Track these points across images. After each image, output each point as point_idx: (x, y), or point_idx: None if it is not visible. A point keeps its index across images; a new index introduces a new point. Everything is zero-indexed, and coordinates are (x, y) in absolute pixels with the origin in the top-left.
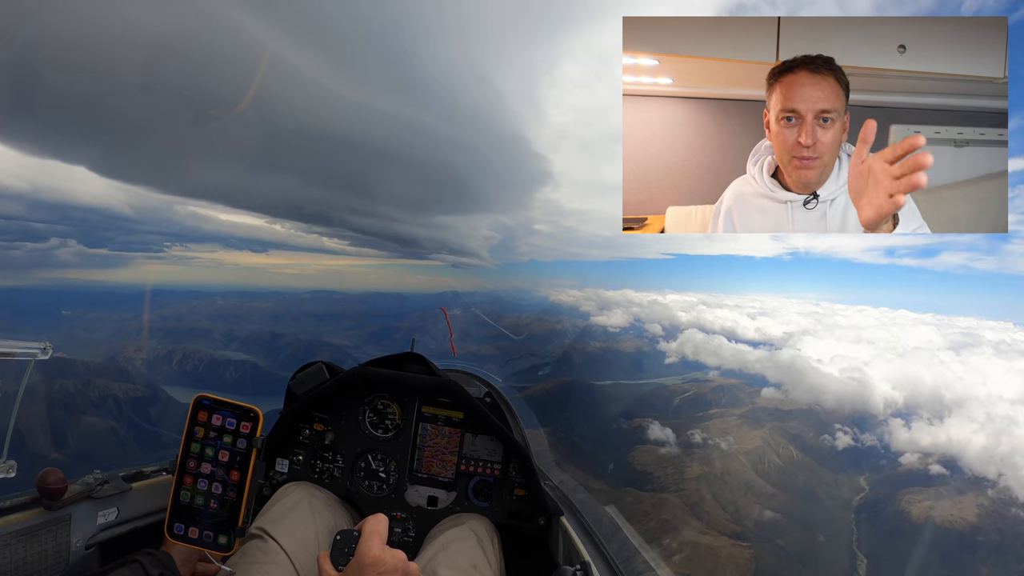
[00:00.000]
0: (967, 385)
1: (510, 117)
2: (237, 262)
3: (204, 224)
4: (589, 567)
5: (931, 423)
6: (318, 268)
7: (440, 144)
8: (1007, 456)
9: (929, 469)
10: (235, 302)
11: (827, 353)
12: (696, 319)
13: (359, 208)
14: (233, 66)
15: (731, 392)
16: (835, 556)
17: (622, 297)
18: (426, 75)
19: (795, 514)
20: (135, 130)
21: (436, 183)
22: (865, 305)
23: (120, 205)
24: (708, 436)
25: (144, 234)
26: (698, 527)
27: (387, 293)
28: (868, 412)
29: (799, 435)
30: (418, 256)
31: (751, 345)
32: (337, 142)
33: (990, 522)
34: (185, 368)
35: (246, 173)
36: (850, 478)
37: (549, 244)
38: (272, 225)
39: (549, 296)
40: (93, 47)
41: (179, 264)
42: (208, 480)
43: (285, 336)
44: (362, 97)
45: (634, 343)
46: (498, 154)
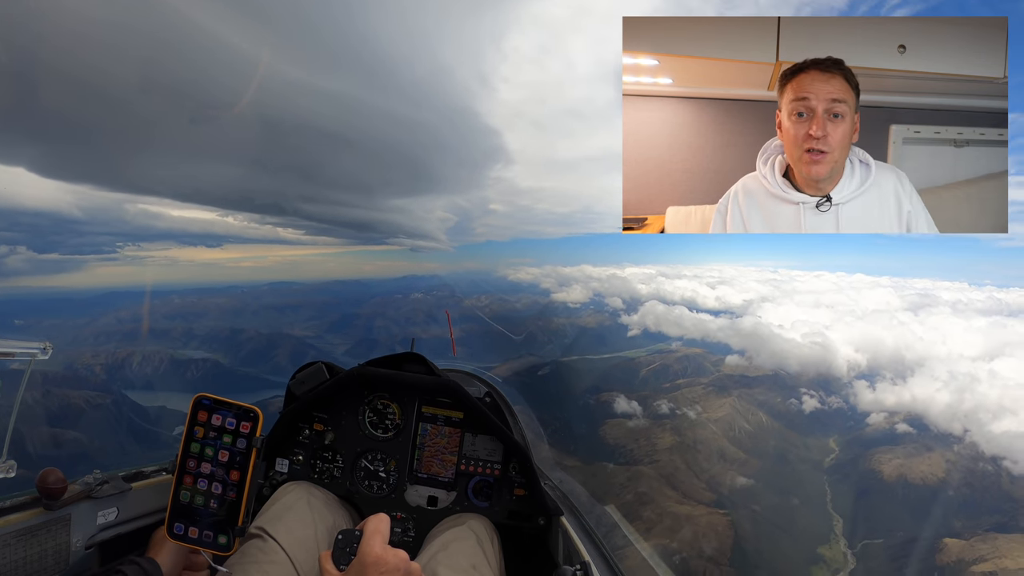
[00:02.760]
0: (927, 345)
1: (459, 92)
2: (192, 259)
3: (156, 222)
4: (589, 567)
5: (894, 383)
6: (275, 260)
7: (386, 122)
8: (971, 412)
9: (896, 428)
10: (192, 299)
11: (788, 319)
12: (656, 291)
13: (311, 195)
14: (165, 49)
15: (696, 361)
16: (811, 517)
17: (580, 273)
18: (364, 48)
19: (768, 479)
20: (73, 126)
21: (386, 164)
22: (822, 271)
23: (68, 207)
24: (677, 406)
25: (95, 236)
26: (675, 497)
27: (346, 281)
28: (832, 375)
29: (766, 401)
30: (375, 242)
31: (712, 314)
32: (279, 125)
33: (960, 477)
34: (145, 370)
35: (191, 165)
36: (819, 440)
37: (505, 224)
38: (225, 218)
39: (508, 276)
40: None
41: (133, 264)
42: (208, 480)
43: (245, 331)
44: (301, 74)
45: (595, 318)
46: (449, 131)
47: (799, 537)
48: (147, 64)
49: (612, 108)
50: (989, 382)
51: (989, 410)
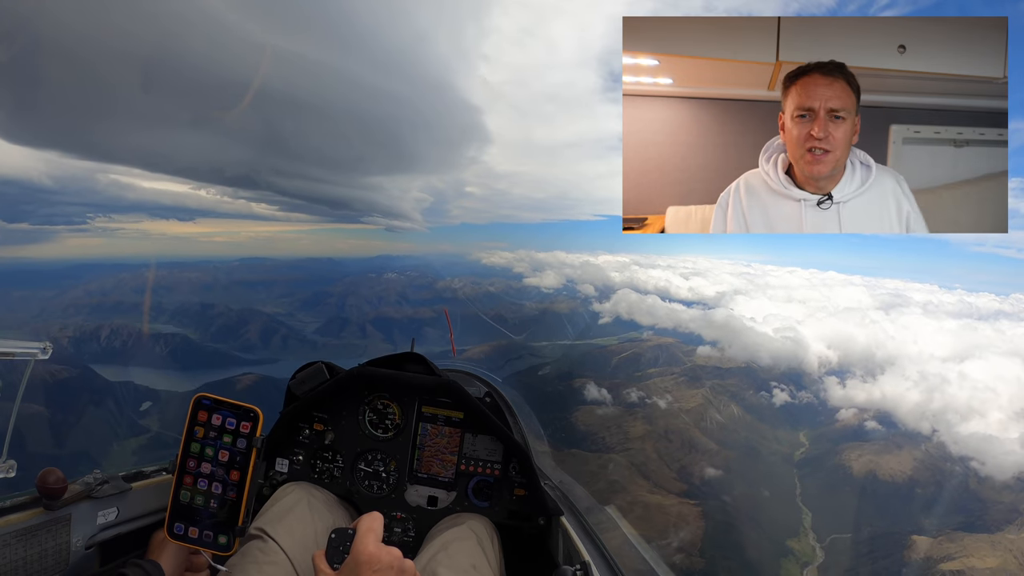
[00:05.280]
0: (899, 344)
1: (438, 66)
2: (164, 232)
3: (127, 193)
4: (589, 567)
5: (865, 380)
6: (248, 235)
7: (358, 92)
8: (939, 413)
9: (865, 425)
10: (163, 273)
11: (760, 312)
12: (629, 279)
13: (284, 169)
14: (133, 10)
15: (668, 351)
16: (781, 510)
17: (554, 259)
18: (337, 11)
19: (739, 470)
20: (38, 87)
21: (362, 138)
22: (795, 267)
23: (39, 175)
24: (648, 395)
25: (66, 206)
26: (646, 486)
27: (319, 259)
28: (803, 370)
29: (738, 392)
30: (350, 219)
31: (685, 304)
32: (247, 91)
33: (928, 475)
34: (113, 344)
35: (160, 133)
36: (790, 434)
37: (481, 207)
38: (197, 191)
39: (481, 259)
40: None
41: (104, 236)
42: (208, 480)
43: (216, 306)
44: (270, 37)
45: (568, 304)
46: (426, 105)
47: (769, 529)
48: (115, 28)
49: (592, 95)
50: (959, 383)
51: (958, 411)
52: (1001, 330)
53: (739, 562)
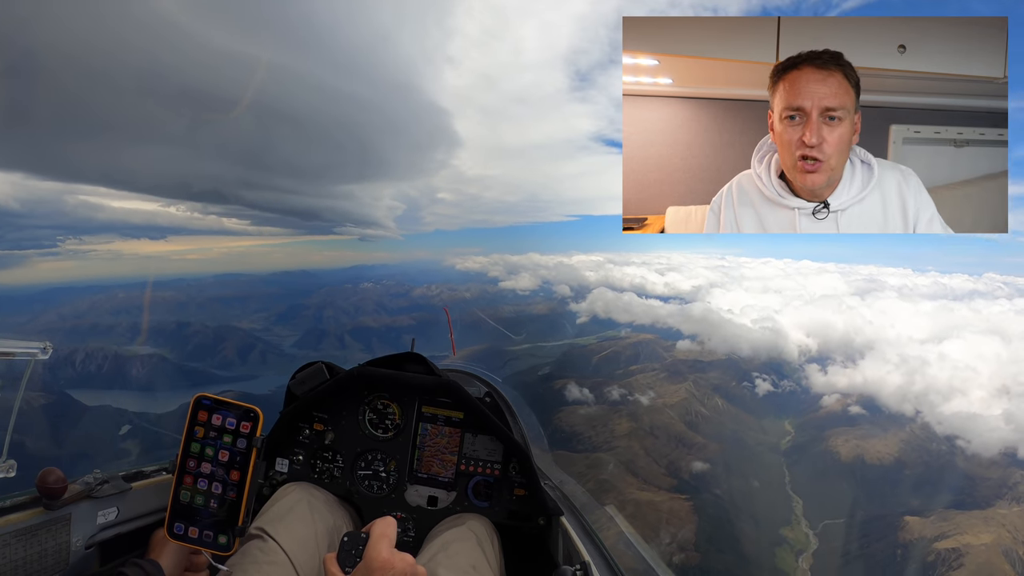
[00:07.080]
0: (876, 328)
1: (401, 66)
2: (136, 251)
3: (97, 213)
4: (589, 567)
5: (845, 366)
6: (220, 251)
7: (322, 96)
8: (921, 394)
9: (849, 410)
10: (137, 293)
11: (737, 304)
12: (604, 278)
13: (252, 181)
14: (92, 18)
15: (648, 347)
16: (772, 500)
17: (528, 261)
18: (296, 10)
19: (728, 462)
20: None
21: (328, 144)
22: (768, 257)
23: (4, 198)
24: (630, 392)
25: (35, 229)
26: (636, 484)
27: (294, 272)
28: (784, 359)
29: (721, 385)
30: (322, 231)
31: (662, 300)
32: (210, 99)
33: (916, 456)
34: (89, 368)
35: (119, 149)
36: (775, 423)
37: (453, 213)
38: (167, 209)
39: (456, 265)
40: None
41: (75, 259)
42: (208, 480)
43: (192, 324)
44: (227, 42)
45: (545, 305)
46: (390, 108)
47: (761, 520)
48: (73, 37)
49: (560, 95)
50: (939, 364)
51: (940, 392)
52: (977, 309)
53: (734, 554)
